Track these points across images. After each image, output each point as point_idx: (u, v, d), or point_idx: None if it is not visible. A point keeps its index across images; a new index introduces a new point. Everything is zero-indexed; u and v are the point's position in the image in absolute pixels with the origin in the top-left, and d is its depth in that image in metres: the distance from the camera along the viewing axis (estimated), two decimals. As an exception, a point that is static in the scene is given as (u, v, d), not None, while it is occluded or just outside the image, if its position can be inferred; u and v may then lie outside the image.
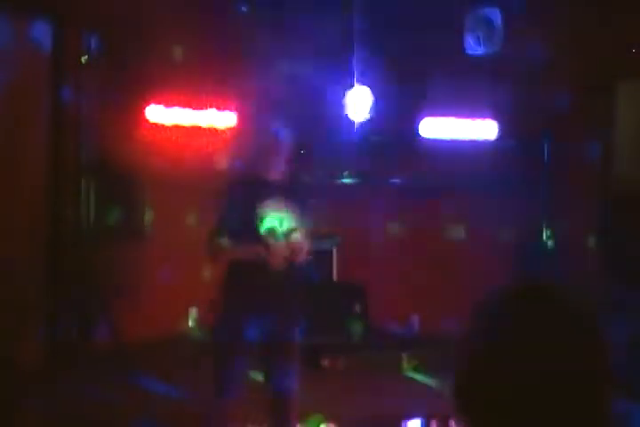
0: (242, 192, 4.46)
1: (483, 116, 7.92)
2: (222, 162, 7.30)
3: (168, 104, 7.26)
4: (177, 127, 7.38)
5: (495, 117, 7.91)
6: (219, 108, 7.51)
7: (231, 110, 7.55)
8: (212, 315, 4.74)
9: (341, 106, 7.62)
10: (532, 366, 1.22)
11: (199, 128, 7.49)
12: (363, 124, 7.73)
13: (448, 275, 8.09)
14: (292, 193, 4.52)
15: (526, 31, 7.67)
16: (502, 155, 8.16)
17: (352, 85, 7.65)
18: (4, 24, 6.49)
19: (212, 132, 7.55)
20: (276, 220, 4.46)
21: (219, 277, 4.68)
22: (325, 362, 6.76)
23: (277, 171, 4.51)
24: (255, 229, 4.40)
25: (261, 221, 4.42)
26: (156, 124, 7.26)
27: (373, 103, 7.60)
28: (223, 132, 7.56)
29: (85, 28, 6.92)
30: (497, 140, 7.98)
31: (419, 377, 6.75)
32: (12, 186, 6.58)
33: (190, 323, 7.72)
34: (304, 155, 7.71)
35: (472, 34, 7.76)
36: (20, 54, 6.64)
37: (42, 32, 6.73)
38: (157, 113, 7.25)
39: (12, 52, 6.57)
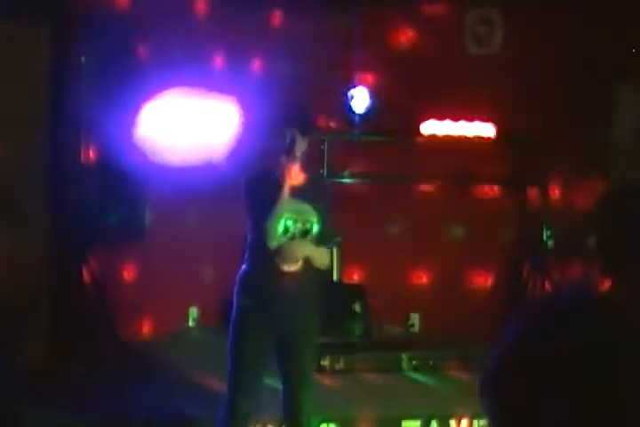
0: (259, 192, 4.44)
1: (482, 115, 7.92)
2: (223, 162, 7.30)
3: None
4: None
5: (495, 117, 7.91)
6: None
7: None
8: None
9: (341, 106, 7.62)
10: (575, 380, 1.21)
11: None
12: (362, 124, 7.72)
13: (448, 275, 8.09)
14: (310, 195, 4.50)
15: (526, 31, 7.68)
16: (502, 155, 8.16)
17: (352, 85, 7.65)
18: (4, 25, 6.49)
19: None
20: (291, 221, 4.44)
21: (230, 278, 4.65)
22: (325, 362, 6.76)
23: (293, 172, 4.48)
24: (268, 230, 4.38)
25: (277, 222, 4.39)
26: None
27: (373, 103, 7.61)
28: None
29: (85, 28, 6.92)
30: (496, 139, 7.97)
31: (419, 377, 6.75)
32: (12, 186, 6.58)
33: (190, 323, 7.72)
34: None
35: (472, 34, 7.77)
36: (20, 55, 6.64)
37: (41, 33, 6.72)
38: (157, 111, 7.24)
39: (12, 53, 6.57)
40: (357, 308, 7.51)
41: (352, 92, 7.60)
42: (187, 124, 7.16)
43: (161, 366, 6.47)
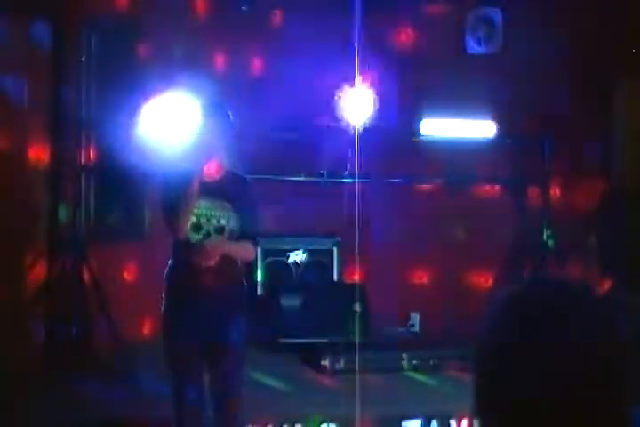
0: (171, 190, 4.41)
1: (482, 115, 7.92)
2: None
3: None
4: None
5: (495, 117, 7.91)
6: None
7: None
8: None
9: (341, 106, 7.62)
10: (549, 365, 1.22)
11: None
12: (362, 124, 7.72)
13: (448, 275, 8.09)
14: (226, 193, 4.47)
15: (526, 31, 7.68)
16: (502, 155, 8.16)
17: (352, 85, 7.65)
18: (4, 24, 6.49)
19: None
20: (204, 218, 4.44)
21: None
22: (325, 362, 6.76)
23: (212, 169, 4.48)
24: (177, 226, 4.39)
25: (186, 218, 4.38)
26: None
27: (373, 103, 7.60)
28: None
29: (85, 28, 6.92)
30: (496, 139, 7.98)
31: (419, 377, 6.74)
32: (12, 186, 6.57)
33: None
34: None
35: (472, 34, 7.77)
36: (20, 54, 6.64)
37: (42, 32, 6.73)
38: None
39: (12, 52, 6.57)
40: (357, 308, 7.51)
41: (351, 92, 7.59)
42: (187, 124, 7.16)
43: (161, 366, 6.45)
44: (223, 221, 4.46)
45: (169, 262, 4.61)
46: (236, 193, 4.51)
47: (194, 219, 4.41)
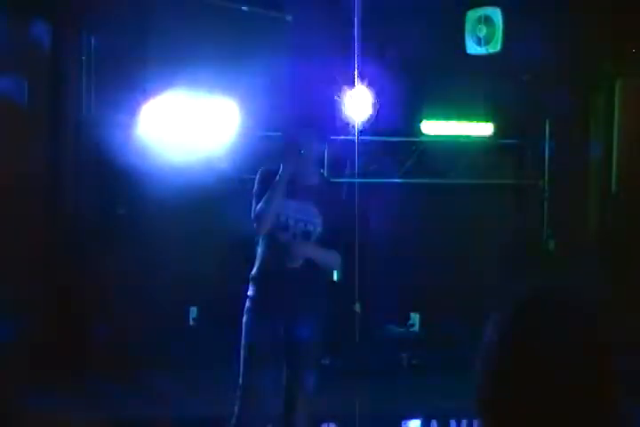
0: (266, 186, 4.44)
1: (482, 115, 7.92)
2: (223, 162, 7.30)
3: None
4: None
5: (495, 117, 7.90)
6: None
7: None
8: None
9: (341, 106, 7.62)
10: (552, 366, 1.23)
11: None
12: (363, 124, 7.72)
13: (448, 275, 8.09)
14: (317, 198, 4.49)
15: (526, 31, 7.68)
16: (502, 154, 8.16)
17: (352, 85, 7.65)
18: (4, 24, 6.49)
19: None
20: (292, 220, 4.45)
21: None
22: (326, 362, 6.76)
23: (304, 173, 4.48)
24: (262, 221, 4.40)
25: (270, 214, 4.40)
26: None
27: (373, 103, 7.60)
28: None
29: (85, 28, 6.93)
30: (496, 139, 7.98)
31: (419, 377, 6.75)
32: (12, 186, 6.58)
33: (190, 323, 7.72)
34: (303, 155, 7.71)
35: (472, 34, 7.77)
36: (20, 54, 6.64)
37: (42, 32, 6.73)
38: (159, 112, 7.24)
39: (12, 52, 6.57)
40: (357, 308, 7.51)
41: (352, 92, 7.59)
42: (187, 124, 7.17)
43: (161, 366, 6.47)
44: (310, 226, 4.48)
45: (256, 261, 4.58)
46: (328, 199, 4.53)
47: (282, 219, 4.41)
